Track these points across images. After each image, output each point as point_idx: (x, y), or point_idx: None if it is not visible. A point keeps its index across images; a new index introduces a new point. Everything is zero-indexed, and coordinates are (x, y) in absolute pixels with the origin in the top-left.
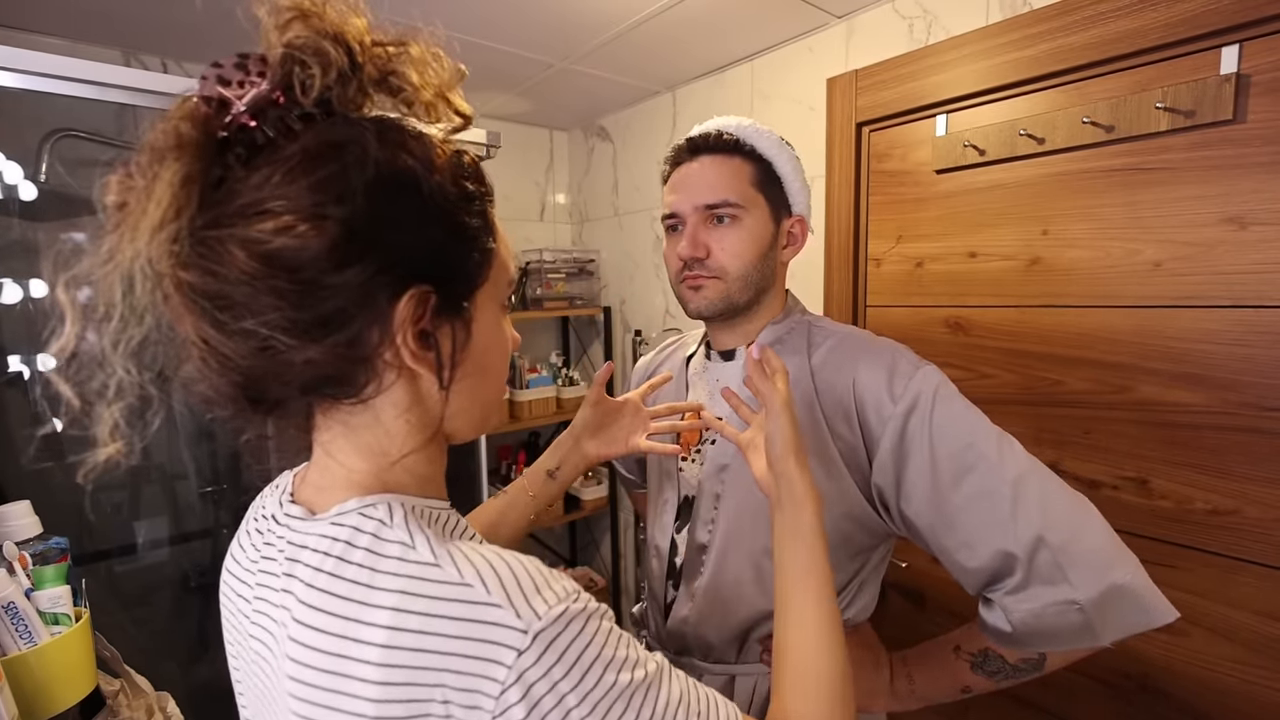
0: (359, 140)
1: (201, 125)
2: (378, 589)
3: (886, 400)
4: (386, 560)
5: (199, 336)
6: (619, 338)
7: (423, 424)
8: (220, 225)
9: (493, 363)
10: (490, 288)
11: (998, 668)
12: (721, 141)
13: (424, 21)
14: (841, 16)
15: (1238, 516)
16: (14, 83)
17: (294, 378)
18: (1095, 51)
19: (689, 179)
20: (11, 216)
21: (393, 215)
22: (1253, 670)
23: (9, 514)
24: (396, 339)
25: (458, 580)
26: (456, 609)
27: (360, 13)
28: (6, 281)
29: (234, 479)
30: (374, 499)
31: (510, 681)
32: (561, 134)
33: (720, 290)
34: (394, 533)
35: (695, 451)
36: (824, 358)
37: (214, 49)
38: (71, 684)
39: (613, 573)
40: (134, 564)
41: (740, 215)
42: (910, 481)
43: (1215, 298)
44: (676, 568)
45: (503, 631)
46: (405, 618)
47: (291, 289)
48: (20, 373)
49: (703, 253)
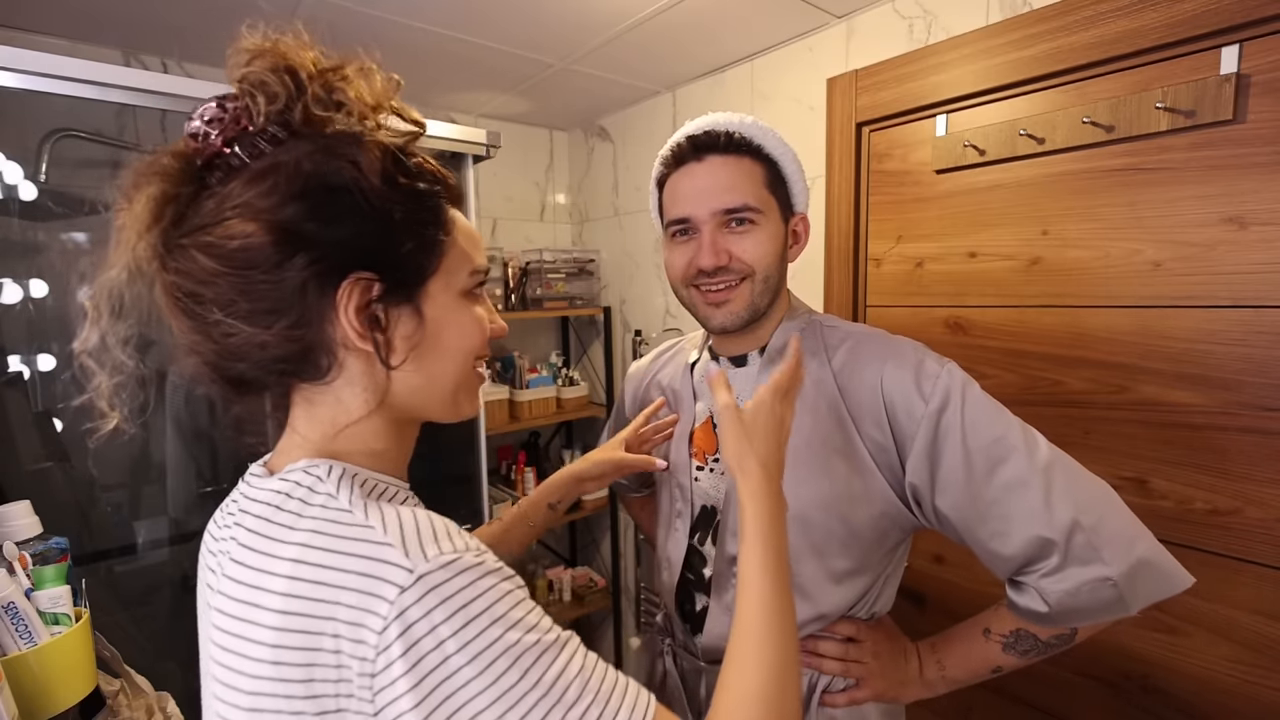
0: (296, 155)
1: (181, 156)
2: (294, 531)
3: (918, 399)
4: (311, 508)
5: (181, 326)
6: (619, 338)
7: (373, 397)
8: (190, 234)
9: (449, 345)
10: (444, 277)
11: (1030, 646)
12: (731, 141)
13: (425, 22)
14: (841, 16)
15: (1238, 516)
16: (14, 83)
17: (256, 360)
18: (1095, 51)
19: (700, 182)
20: (11, 216)
21: (326, 215)
22: (1253, 670)
23: (9, 514)
24: (340, 322)
25: (362, 523)
26: (354, 546)
27: (309, 46)
28: (6, 281)
29: (234, 479)
30: (319, 461)
31: (391, 617)
32: (561, 134)
33: (746, 298)
34: (325, 486)
35: (713, 460)
36: (845, 359)
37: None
38: (71, 684)
39: (613, 573)
40: (134, 564)
41: (758, 220)
42: (944, 476)
43: (1215, 298)
44: (706, 579)
45: (389, 569)
46: (310, 552)
47: (244, 283)
48: (20, 373)
49: (725, 259)
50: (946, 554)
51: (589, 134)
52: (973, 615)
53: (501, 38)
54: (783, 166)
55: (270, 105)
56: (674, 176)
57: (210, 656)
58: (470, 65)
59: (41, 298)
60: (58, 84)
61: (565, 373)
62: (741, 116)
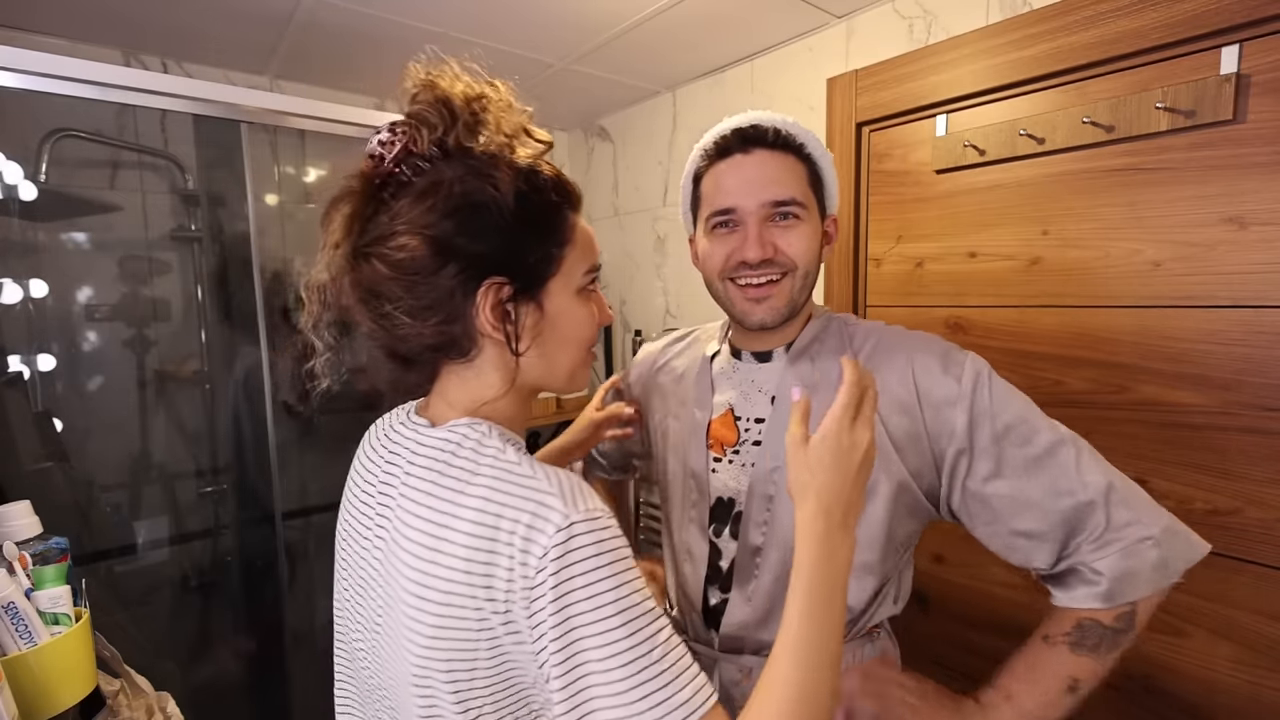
0: (449, 176)
1: (363, 177)
2: (478, 475)
3: (950, 382)
4: (484, 458)
5: (363, 317)
6: (619, 338)
7: (507, 379)
8: (370, 245)
9: (567, 334)
10: (563, 277)
11: (1098, 637)
12: (779, 138)
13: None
14: (841, 16)
15: (1238, 516)
16: (14, 83)
17: (416, 344)
18: (1095, 51)
19: (747, 173)
20: (11, 216)
21: (472, 230)
22: (1254, 670)
23: (9, 514)
24: (479, 316)
25: (529, 474)
26: (527, 492)
27: (461, 79)
28: (6, 281)
29: (234, 479)
30: (479, 421)
31: (550, 547)
32: (561, 134)
33: (787, 294)
34: (492, 441)
35: (733, 452)
36: (870, 353)
37: (214, 49)
38: (71, 684)
39: None
40: (134, 564)
41: (802, 215)
42: (980, 453)
43: (1215, 298)
44: (723, 571)
45: (553, 512)
46: (494, 494)
47: (409, 286)
48: (20, 373)
49: (770, 252)
50: (947, 554)
51: (589, 134)
52: (979, 617)
53: (501, 38)
54: (821, 168)
55: (431, 134)
56: (716, 168)
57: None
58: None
59: (41, 298)
60: (58, 84)
61: None
62: (783, 116)
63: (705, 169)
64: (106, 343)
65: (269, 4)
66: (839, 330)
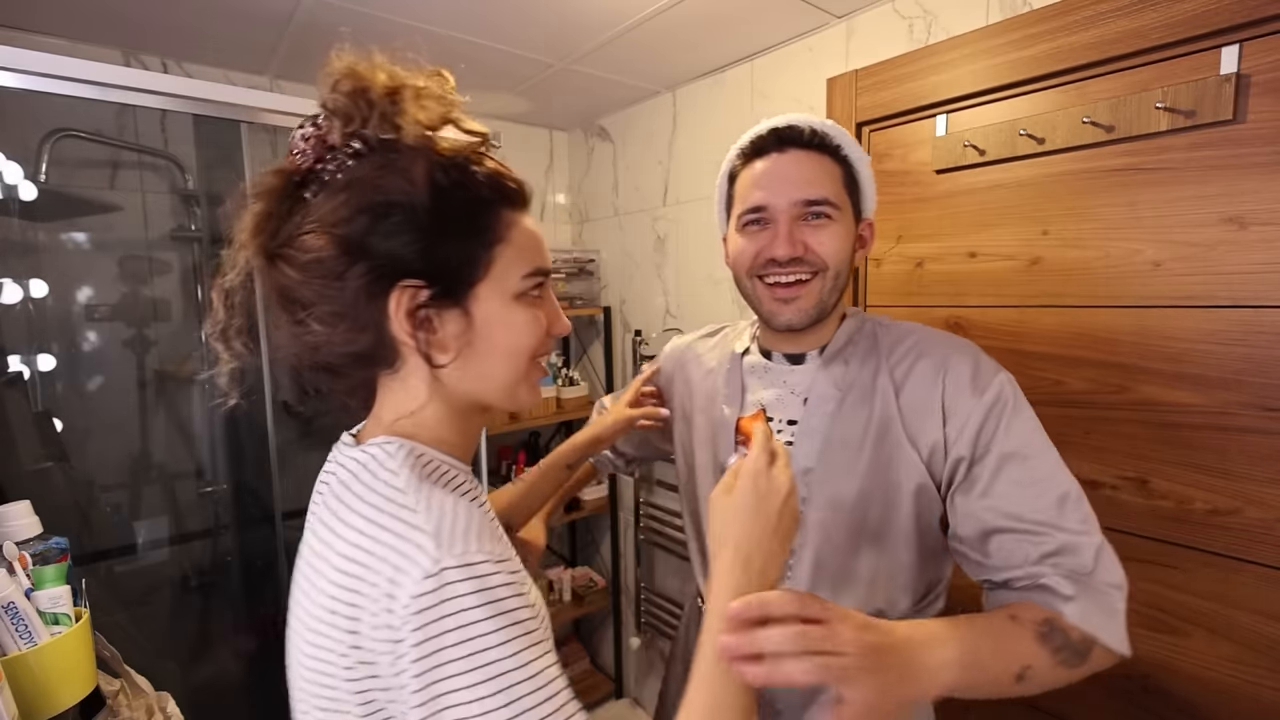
0: (365, 172)
1: (282, 174)
2: (362, 502)
3: (972, 391)
4: (377, 483)
5: (279, 321)
6: (619, 338)
7: (432, 390)
8: (282, 245)
9: (500, 344)
10: (494, 281)
11: (1063, 642)
12: (815, 138)
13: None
14: (841, 16)
15: (1238, 516)
16: (14, 83)
17: (332, 352)
18: (1095, 51)
19: (781, 172)
20: (11, 216)
21: (382, 230)
22: (1253, 670)
23: (9, 514)
24: (393, 323)
25: (410, 506)
26: (399, 526)
27: (385, 68)
28: (6, 281)
29: (234, 479)
30: (394, 439)
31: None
32: (561, 134)
33: (816, 295)
34: (391, 464)
35: None
36: (903, 356)
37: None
38: (71, 684)
39: (613, 573)
40: (134, 564)
41: (835, 216)
42: (977, 469)
43: (1215, 298)
44: None
45: (420, 554)
46: (368, 525)
47: (318, 289)
48: (20, 373)
49: (800, 250)
50: None
51: (589, 134)
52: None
53: (501, 38)
54: (858, 170)
55: (346, 126)
56: (751, 167)
57: (296, 601)
58: (470, 65)
59: (41, 298)
60: (58, 84)
61: (565, 373)
62: (822, 119)
63: (740, 168)
64: (106, 343)
65: (269, 4)
66: (873, 332)
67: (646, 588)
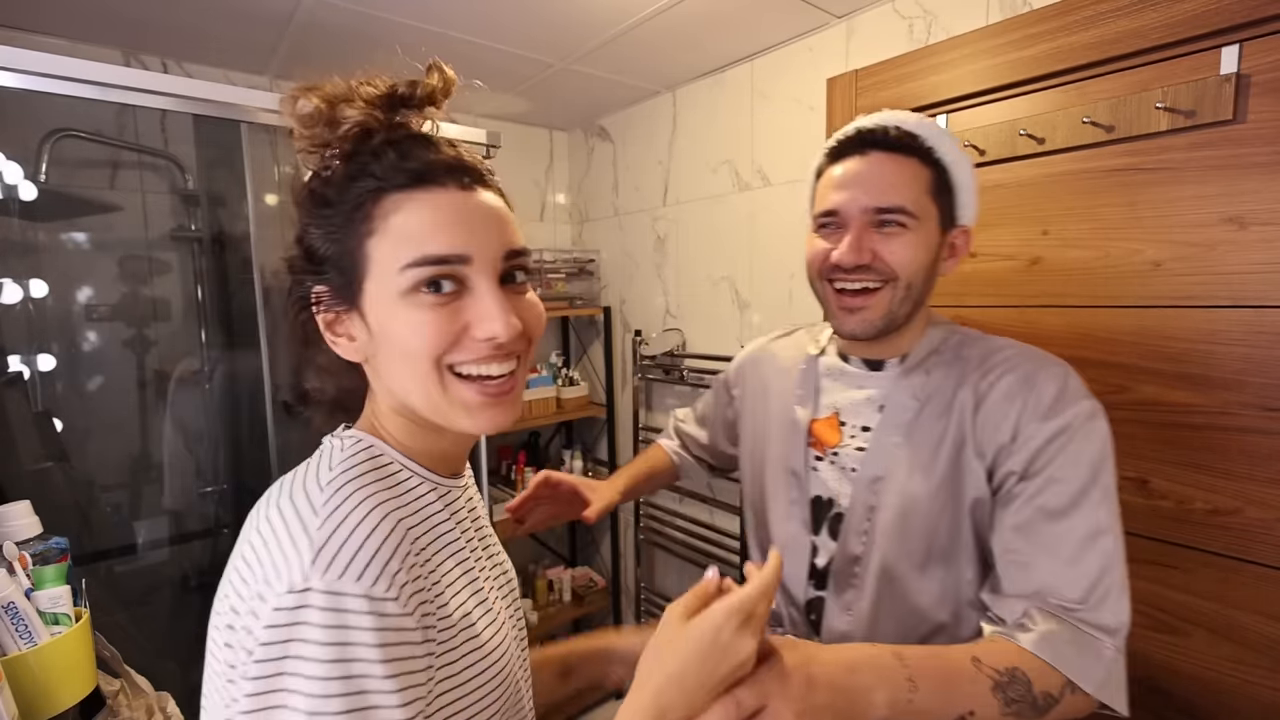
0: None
1: None
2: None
3: (1047, 413)
4: (312, 474)
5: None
6: (619, 338)
7: (381, 395)
8: None
9: (394, 352)
10: (376, 278)
11: (1021, 695)
12: (902, 138)
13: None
14: (841, 16)
15: (1238, 516)
16: (14, 83)
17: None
18: (1095, 51)
19: (859, 176)
20: (11, 216)
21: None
22: (1254, 670)
23: (9, 514)
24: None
25: (310, 511)
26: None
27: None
28: (6, 281)
29: (234, 479)
30: (354, 432)
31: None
32: (561, 134)
33: (884, 306)
34: (338, 455)
35: (833, 454)
36: (992, 368)
37: (214, 49)
38: (71, 684)
39: (613, 573)
40: (134, 564)
41: (911, 225)
42: (1023, 486)
43: (1215, 298)
44: (818, 568)
45: (294, 570)
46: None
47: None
48: (20, 373)
49: (868, 258)
50: None
51: (589, 134)
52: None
53: (501, 38)
54: (953, 174)
55: (310, 149)
56: (832, 168)
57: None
58: (470, 65)
59: (41, 298)
60: (58, 84)
61: (565, 373)
62: (920, 117)
63: (825, 166)
64: (106, 343)
65: (269, 4)
66: (960, 344)
67: (646, 588)
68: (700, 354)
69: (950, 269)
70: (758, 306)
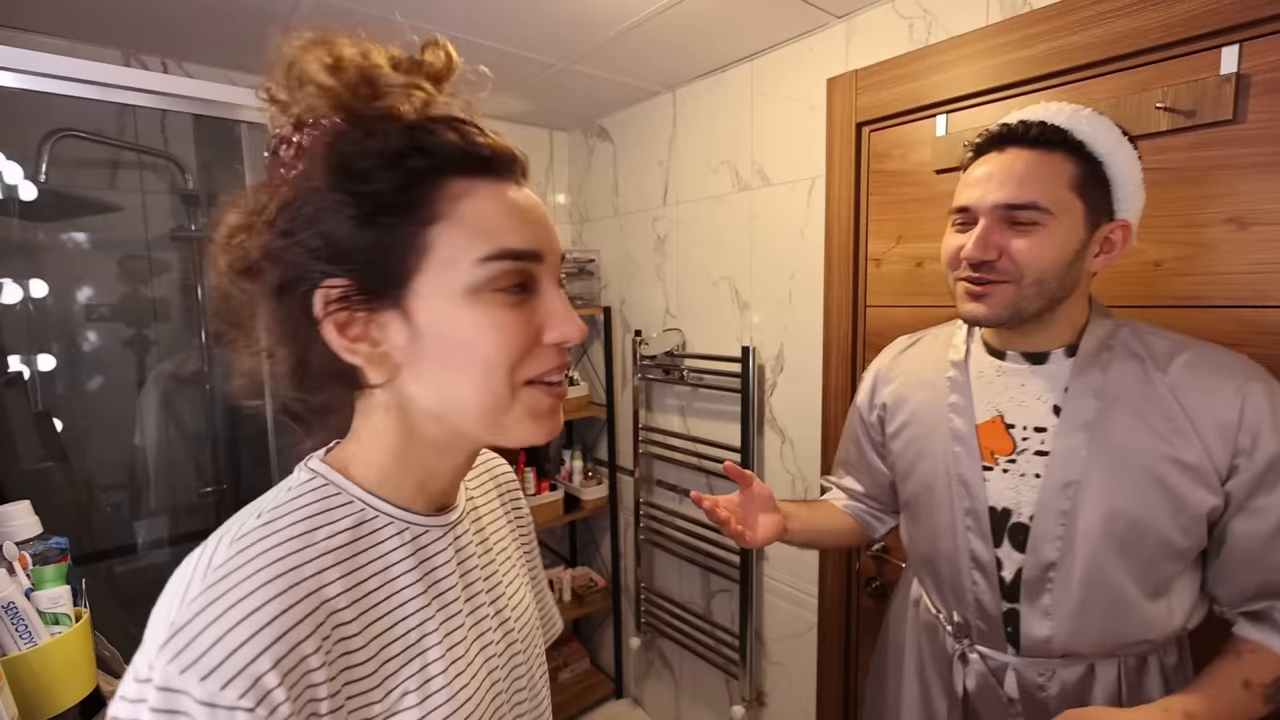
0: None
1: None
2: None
3: (1271, 428)
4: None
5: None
6: (619, 338)
7: (394, 417)
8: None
9: (452, 356)
10: (436, 273)
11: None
12: (1044, 133)
13: (425, 22)
14: (841, 16)
15: None
16: (14, 83)
17: (301, 373)
18: (1095, 51)
19: (992, 172)
20: (11, 216)
21: (291, 219)
22: None
23: (9, 514)
24: (328, 335)
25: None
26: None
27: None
28: (6, 281)
29: (234, 479)
30: (317, 469)
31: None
32: (561, 134)
33: (1008, 299)
34: (281, 496)
35: (1008, 461)
36: (1186, 366)
37: (214, 49)
38: (71, 684)
39: (613, 573)
40: (134, 564)
41: (1045, 221)
42: (1261, 509)
43: (1215, 298)
44: (1005, 582)
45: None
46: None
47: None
48: (20, 373)
49: (993, 254)
50: None
51: (589, 134)
52: None
53: (501, 38)
54: (1108, 167)
55: (280, 114)
56: (975, 164)
57: None
58: (470, 65)
59: (41, 298)
60: (58, 84)
61: (565, 373)
62: (1075, 109)
63: (968, 163)
64: (106, 343)
65: (269, 4)
66: (1132, 339)
67: (646, 588)
68: (700, 354)
69: (1104, 264)
70: (758, 306)
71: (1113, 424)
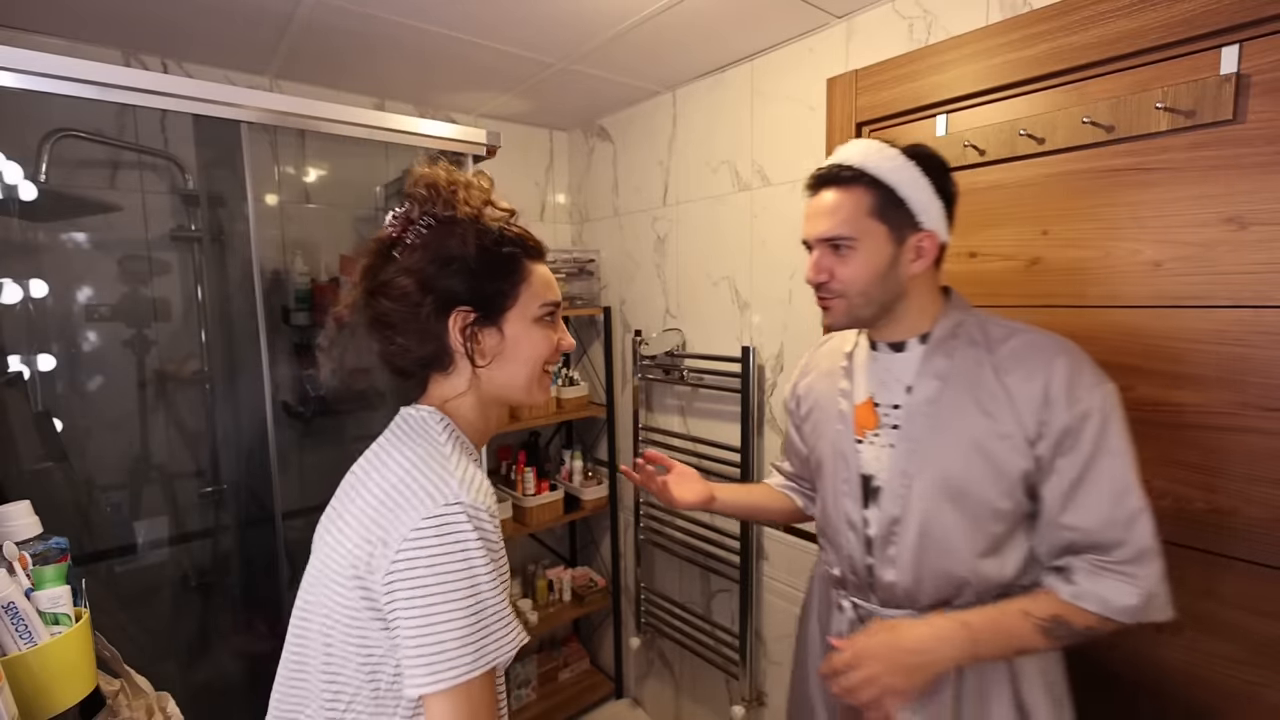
0: (434, 236)
1: (377, 240)
2: (410, 443)
3: (1066, 399)
4: (426, 432)
5: (375, 340)
6: (619, 338)
7: (470, 386)
8: (380, 286)
9: (522, 354)
10: (520, 310)
11: (1064, 633)
12: (844, 172)
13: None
14: (841, 16)
15: (1238, 516)
16: (14, 83)
17: (410, 359)
18: (1095, 51)
19: (813, 211)
20: (11, 216)
21: (446, 272)
22: (1252, 670)
23: (9, 514)
24: (451, 336)
25: (448, 455)
26: (439, 469)
27: (446, 170)
28: (6, 281)
29: (234, 479)
30: (438, 411)
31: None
32: (561, 134)
33: (843, 309)
34: (436, 425)
35: (873, 435)
36: (1012, 350)
37: (214, 49)
38: (71, 684)
39: (613, 573)
40: (134, 564)
41: (855, 246)
42: (1059, 470)
43: (1215, 298)
44: (871, 540)
45: (446, 489)
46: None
47: (404, 313)
48: (20, 373)
49: (825, 277)
50: None
51: (589, 134)
52: None
53: (501, 38)
54: (898, 190)
55: (422, 206)
56: (808, 204)
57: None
58: (470, 65)
59: (41, 298)
60: (58, 84)
61: (565, 373)
62: (868, 145)
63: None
64: (106, 343)
65: (269, 4)
66: (975, 328)
67: (646, 588)
68: (700, 354)
69: (921, 269)
70: (758, 306)
71: (948, 401)
